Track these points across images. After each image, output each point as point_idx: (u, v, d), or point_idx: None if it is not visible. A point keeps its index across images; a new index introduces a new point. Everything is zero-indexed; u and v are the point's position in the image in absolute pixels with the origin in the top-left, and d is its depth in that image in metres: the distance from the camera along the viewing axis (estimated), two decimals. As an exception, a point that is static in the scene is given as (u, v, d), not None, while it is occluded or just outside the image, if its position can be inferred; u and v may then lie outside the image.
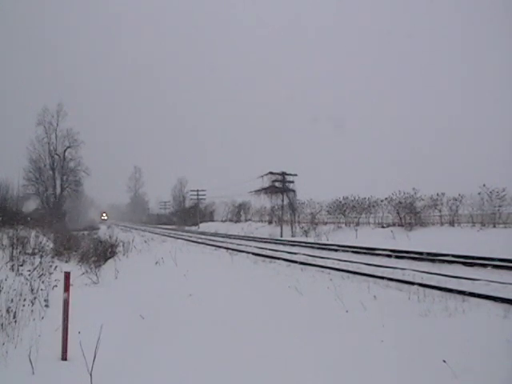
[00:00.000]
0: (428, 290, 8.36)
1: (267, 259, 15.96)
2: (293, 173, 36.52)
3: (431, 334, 5.61)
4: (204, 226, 58.92)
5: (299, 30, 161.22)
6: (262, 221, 46.11)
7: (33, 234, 13.95)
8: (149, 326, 6.06)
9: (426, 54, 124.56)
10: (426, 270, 11.28)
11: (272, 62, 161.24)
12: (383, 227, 26.90)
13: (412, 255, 14.97)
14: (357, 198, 30.57)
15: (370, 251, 17.03)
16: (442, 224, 24.09)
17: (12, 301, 5.58)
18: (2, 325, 5.03)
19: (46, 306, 6.51)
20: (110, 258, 13.29)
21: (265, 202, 40.01)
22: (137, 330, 5.92)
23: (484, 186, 21.85)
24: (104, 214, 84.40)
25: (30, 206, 36.00)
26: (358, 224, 29.53)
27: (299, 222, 35.55)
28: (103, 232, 27.61)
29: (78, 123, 57.20)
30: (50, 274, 8.20)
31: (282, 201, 36.33)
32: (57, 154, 43.46)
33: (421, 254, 14.93)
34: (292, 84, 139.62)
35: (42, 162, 42.75)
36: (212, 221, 63.91)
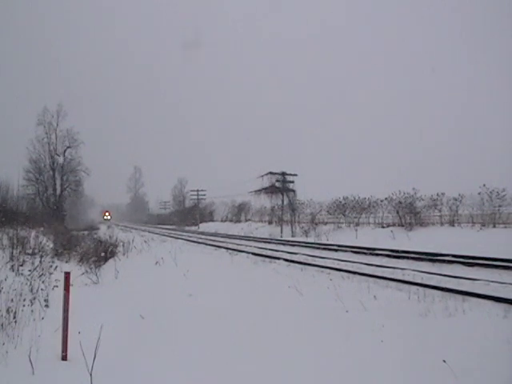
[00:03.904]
0: (428, 290, 8.37)
1: (267, 259, 15.95)
2: (293, 173, 36.54)
3: (431, 334, 5.61)
4: (204, 226, 58.94)
5: (299, 29, 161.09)
6: (261, 221, 46.06)
7: (33, 234, 13.96)
8: (149, 326, 6.06)
9: (422, 55, 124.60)
10: (426, 270, 11.28)
11: (272, 61, 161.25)
12: (383, 227, 26.89)
13: (412, 255, 14.96)
14: (357, 198, 30.56)
15: (370, 251, 17.03)
16: (442, 224, 24.07)
17: (12, 301, 5.58)
18: (1, 325, 5.03)
19: (46, 306, 6.51)
20: (110, 258, 13.30)
21: (265, 202, 40.04)
22: (137, 329, 5.92)
23: (484, 185, 21.85)
24: (107, 214, 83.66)
25: (30, 206, 35.95)
26: (357, 224, 29.51)
27: (299, 222, 35.53)
28: (103, 232, 27.61)
29: (78, 123, 57.21)
30: (50, 274, 8.21)
31: (282, 201, 36.33)
32: (57, 154, 43.48)
33: (421, 253, 14.93)
34: (292, 84, 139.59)
35: (42, 161, 42.76)
36: (212, 221, 63.92)
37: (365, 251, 17.25)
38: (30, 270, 8.08)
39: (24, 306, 5.66)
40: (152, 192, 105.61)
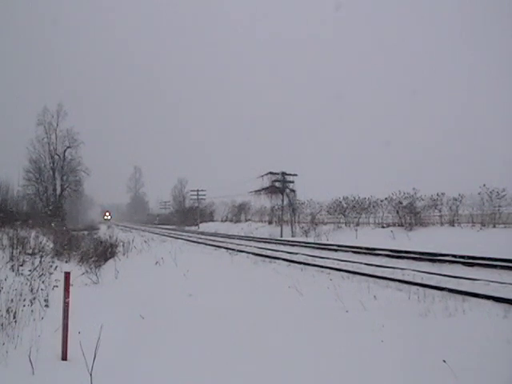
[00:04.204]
0: (428, 290, 8.36)
1: (267, 259, 15.95)
2: (293, 173, 36.53)
3: (431, 334, 5.61)
4: (204, 226, 58.94)
5: (299, 29, 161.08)
6: (261, 221, 46.08)
7: (33, 234, 13.94)
8: (149, 326, 6.06)
9: (422, 55, 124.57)
10: (426, 270, 11.28)
11: (272, 61, 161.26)
12: (383, 227, 26.89)
13: (412, 255, 14.96)
14: (357, 198, 30.57)
15: (370, 251, 17.03)
16: (442, 224, 24.08)
17: (12, 301, 5.58)
18: (1, 325, 5.03)
19: (46, 306, 6.51)
20: (110, 258, 13.29)
21: (265, 202, 40.07)
22: (137, 329, 5.92)
23: (484, 185, 21.86)
24: (107, 214, 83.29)
25: (30, 206, 35.93)
26: (357, 224, 29.51)
27: (299, 222, 35.54)
28: (103, 232, 27.61)
29: (78, 123, 57.23)
30: (50, 274, 8.20)
31: (282, 201, 36.32)
32: (57, 154, 43.41)
33: (421, 253, 14.93)
34: (292, 84, 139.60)
35: (42, 161, 42.67)
36: (212, 221, 63.92)
37: (365, 251, 17.25)
38: (30, 270, 8.07)
39: (24, 305, 5.66)
40: (152, 192, 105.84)
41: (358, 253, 17.28)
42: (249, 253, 18.43)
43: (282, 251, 18.97)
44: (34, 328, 5.08)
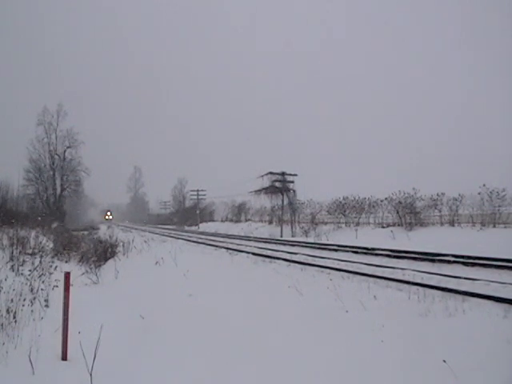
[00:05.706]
0: (428, 290, 8.36)
1: (267, 259, 15.95)
2: (293, 173, 36.53)
3: (431, 333, 5.61)
4: (204, 226, 58.94)
5: (299, 29, 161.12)
6: (262, 221, 46.08)
7: (33, 234, 13.93)
8: (149, 326, 6.06)
9: (422, 55, 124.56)
10: (426, 270, 11.28)
11: (272, 61, 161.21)
12: (383, 227, 26.88)
13: (412, 255, 14.96)
14: (357, 197, 30.56)
15: (370, 251, 17.03)
16: (442, 224, 24.07)
17: (12, 301, 5.58)
18: (1, 325, 5.02)
19: (46, 306, 6.51)
20: (110, 258, 13.29)
21: (265, 201, 40.05)
22: (137, 329, 5.92)
23: (484, 185, 21.85)
24: (108, 214, 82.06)
25: (30, 206, 35.89)
26: (358, 224, 29.50)
27: (299, 222, 35.52)
28: (103, 232, 27.60)
29: (78, 123, 57.17)
30: (50, 274, 8.20)
31: (282, 201, 36.31)
32: (57, 154, 43.43)
33: (421, 253, 14.92)
34: (292, 84, 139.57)
35: (42, 161, 42.69)
36: (212, 221, 63.91)
37: (365, 251, 17.25)
38: (30, 270, 8.07)
39: (24, 305, 5.66)
40: (152, 192, 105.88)
41: (358, 253, 17.28)
42: (249, 253, 18.41)
43: (282, 251, 18.96)
44: (34, 328, 5.08)
